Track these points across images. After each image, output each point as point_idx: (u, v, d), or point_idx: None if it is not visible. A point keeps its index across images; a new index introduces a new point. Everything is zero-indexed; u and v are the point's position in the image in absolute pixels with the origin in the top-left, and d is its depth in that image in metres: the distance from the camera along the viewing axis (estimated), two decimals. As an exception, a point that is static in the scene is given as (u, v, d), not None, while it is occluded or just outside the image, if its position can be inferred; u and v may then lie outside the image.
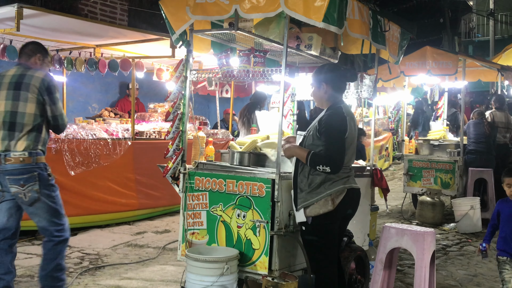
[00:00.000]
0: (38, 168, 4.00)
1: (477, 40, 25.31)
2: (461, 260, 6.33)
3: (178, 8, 4.56)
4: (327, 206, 3.70)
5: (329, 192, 3.70)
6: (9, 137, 3.94)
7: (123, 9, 11.71)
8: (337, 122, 3.72)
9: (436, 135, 9.38)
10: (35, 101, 3.97)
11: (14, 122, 3.93)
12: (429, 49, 9.07)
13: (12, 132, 3.94)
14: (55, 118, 4.10)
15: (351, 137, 3.77)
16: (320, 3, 3.90)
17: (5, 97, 3.97)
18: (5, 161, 3.91)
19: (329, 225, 3.77)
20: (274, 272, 4.00)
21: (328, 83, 3.86)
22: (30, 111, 3.97)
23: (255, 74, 4.49)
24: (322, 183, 3.71)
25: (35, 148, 3.99)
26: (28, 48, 4.21)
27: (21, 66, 4.10)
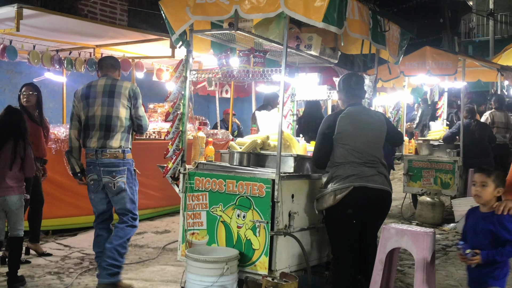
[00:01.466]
0: (128, 163, 4.75)
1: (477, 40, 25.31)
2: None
3: (178, 8, 4.56)
4: (329, 201, 4.03)
5: (333, 188, 4.03)
6: (104, 137, 4.64)
7: (123, 9, 11.71)
8: (323, 124, 4.22)
9: (436, 135, 9.37)
10: (125, 106, 4.71)
11: (110, 124, 4.64)
12: (428, 49, 9.06)
13: (108, 133, 4.64)
14: (139, 120, 4.81)
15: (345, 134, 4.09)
16: (320, 3, 3.90)
17: (101, 104, 4.67)
18: (101, 156, 4.62)
19: (336, 219, 4.09)
20: (274, 272, 4.00)
21: (340, 91, 4.37)
22: (122, 115, 4.69)
23: (255, 74, 4.49)
24: (330, 180, 4.07)
25: (126, 146, 4.73)
26: (111, 62, 5.00)
27: (108, 77, 4.82)
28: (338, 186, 3.99)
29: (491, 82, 11.17)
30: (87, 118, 4.72)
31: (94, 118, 4.69)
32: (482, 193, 3.43)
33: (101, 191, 4.75)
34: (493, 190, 3.40)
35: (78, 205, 6.83)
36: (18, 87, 9.94)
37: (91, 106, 4.70)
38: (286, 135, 4.75)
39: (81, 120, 4.76)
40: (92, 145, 4.67)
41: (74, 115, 4.78)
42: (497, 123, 8.94)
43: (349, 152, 4.07)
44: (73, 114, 4.79)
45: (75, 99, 4.81)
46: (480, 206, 3.51)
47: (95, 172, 4.69)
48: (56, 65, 7.64)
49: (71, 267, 5.55)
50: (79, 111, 4.76)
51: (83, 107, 4.74)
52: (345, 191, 3.98)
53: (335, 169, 4.07)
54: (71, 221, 6.98)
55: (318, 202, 4.15)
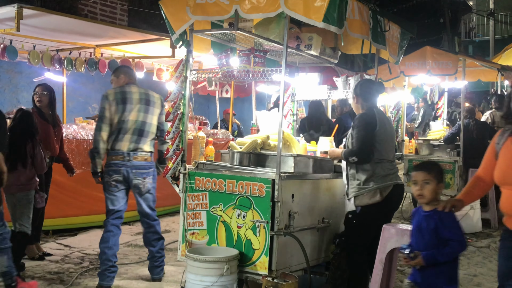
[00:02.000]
0: (153, 165, 5.08)
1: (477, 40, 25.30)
2: (461, 260, 6.32)
3: (178, 8, 4.56)
4: (376, 197, 4.23)
5: (378, 186, 4.24)
6: (136, 141, 4.91)
7: (123, 9, 11.71)
8: (364, 120, 4.36)
9: (436, 135, 9.37)
10: (156, 114, 5.08)
11: (143, 130, 4.95)
12: (429, 49, 9.06)
13: (140, 137, 4.93)
14: (163, 125, 5.15)
15: (383, 132, 4.32)
16: (320, 3, 3.90)
17: (138, 110, 4.94)
18: (133, 158, 4.87)
19: (375, 215, 4.27)
20: (274, 272, 4.00)
21: (358, 95, 4.49)
22: (154, 122, 5.05)
23: (255, 74, 4.49)
24: (371, 177, 4.26)
25: (152, 150, 5.05)
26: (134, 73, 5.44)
27: (139, 86, 5.15)
28: (383, 184, 4.25)
29: (491, 82, 11.17)
30: (120, 122, 4.87)
31: (129, 123, 4.89)
32: (425, 191, 3.22)
33: (122, 191, 4.93)
34: (435, 187, 3.23)
35: (78, 205, 6.83)
36: (18, 87, 10.01)
37: (127, 111, 4.89)
38: (286, 135, 4.75)
39: (112, 124, 4.88)
40: (122, 148, 4.86)
41: (107, 118, 4.86)
42: (497, 123, 8.94)
43: (384, 150, 4.33)
44: (106, 117, 4.86)
45: (107, 102, 4.87)
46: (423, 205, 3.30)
47: (122, 173, 4.86)
48: (56, 65, 7.64)
49: (71, 267, 5.54)
50: (113, 115, 4.87)
51: (117, 111, 4.88)
52: (389, 189, 4.27)
53: (375, 166, 4.27)
54: (71, 221, 6.98)
55: (359, 199, 4.30)
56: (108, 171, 4.89)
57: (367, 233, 4.34)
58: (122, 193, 4.94)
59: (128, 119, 4.89)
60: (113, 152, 4.88)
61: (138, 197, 5.00)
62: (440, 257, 3.13)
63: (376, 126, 4.30)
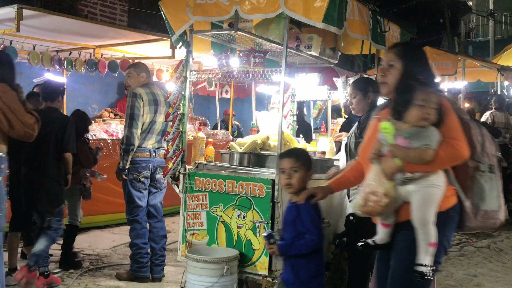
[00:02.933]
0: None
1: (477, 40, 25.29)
2: (461, 260, 6.33)
3: (178, 8, 4.57)
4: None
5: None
6: (159, 140, 5.17)
7: (123, 10, 11.70)
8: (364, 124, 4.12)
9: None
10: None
11: (165, 130, 5.14)
12: (428, 50, 9.02)
13: (161, 137, 5.16)
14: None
15: None
16: (320, 4, 3.90)
17: (163, 112, 5.14)
18: (157, 155, 5.14)
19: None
20: (274, 273, 4.00)
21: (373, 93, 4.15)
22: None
23: (255, 75, 4.49)
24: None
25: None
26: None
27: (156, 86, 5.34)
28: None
29: (491, 82, 11.17)
30: (152, 123, 5.10)
31: (157, 124, 5.14)
32: (293, 180, 3.06)
33: (147, 188, 5.16)
34: (303, 175, 3.08)
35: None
36: (18, 87, 10.00)
37: (157, 113, 5.13)
38: (286, 135, 4.75)
39: (144, 123, 5.07)
40: (149, 146, 5.10)
41: (140, 116, 5.02)
42: (497, 123, 8.94)
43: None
44: (138, 116, 5.01)
45: (141, 101, 5.02)
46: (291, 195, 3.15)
47: (150, 169, 5.11)
48: (56, 66, 7.64)
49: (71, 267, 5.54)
50: (145, 114, 5.05)
51: (150, 112, 5.08)
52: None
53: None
54: (71, 221, 6.97)
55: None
56: (136, 168, 5.04)
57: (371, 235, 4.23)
58: (147, 190, 5.16)
59: (157, 120, 5.14)
60: (140, 150, 5.05)
61: (155, 191, 5.21)
62: (291, 250, 3.04)
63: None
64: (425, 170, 2.61)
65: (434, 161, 2.58)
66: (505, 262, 6.36)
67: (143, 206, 5.14)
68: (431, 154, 2.57)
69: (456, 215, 2.74)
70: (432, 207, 2.61)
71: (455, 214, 2.73)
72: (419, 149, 2.57)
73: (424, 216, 2.60)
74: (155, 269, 5.14)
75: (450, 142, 2.60)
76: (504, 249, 6.95)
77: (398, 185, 2.64)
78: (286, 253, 3.08)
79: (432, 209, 2.61)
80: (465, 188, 2.72)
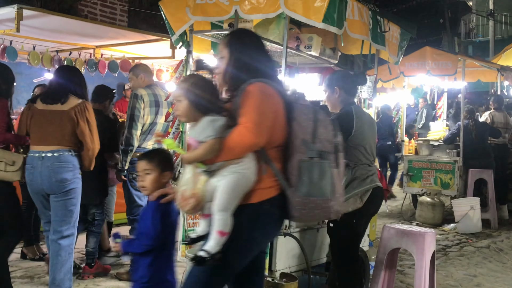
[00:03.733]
0: None
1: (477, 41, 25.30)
2: (461, 261, 6.33)
3: (178, 9, 4.57)
4: (356, 203, 3.89)
5: (357, 191, 3.89)
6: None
7: (123, 10, 11.71)
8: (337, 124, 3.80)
9: (436, 136, 9.37)
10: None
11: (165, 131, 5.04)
12: (428, 50, 9.06)
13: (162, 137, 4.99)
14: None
15: (360, 135, 3.92)
16: (319, 4, 3.91)
17: (163, 113, 5.11)
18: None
19: (357, 221, 3.96)
20: (274, 273, 4.00)
21: (341, 87, 4.03)
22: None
23: (255, 75, 4.48)
24: (350, 182, 3.90)
25: None
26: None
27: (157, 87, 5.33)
28: (362, 188, 3.91)
29: (491, 82, 11.16)
30: (152, 124, 5.11)
31: (158, 125, 5.15)
32: (146, 182, 3.00)
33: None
34: (157, 177, 3.00)
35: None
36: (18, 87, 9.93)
37: (159, 114, 5.13)
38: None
39: (144, 124, 5.07)
40: (148, 146, 5.10)
41: (140, 118, 5.02)
42: (496, 123, 8.94)
43: (362, 153, 3.97)
44: (139, 117, 5.00)
45: (142, 103, 5.02)
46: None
47: None
48: (56, 66, 7.63)
49: (71, 267, 5.53)
50: (146, 115, 5.05)
51: (151, 113, 5.08)
52: (368, 193, 3.92)
53: (352, 171, 3.93)
54: (71, 221, 6.96)
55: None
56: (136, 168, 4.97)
57: (355, 241, 4.04)
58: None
59: (159, 122, 5.15)
60: (139, 150, 5.03)
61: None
62: (131, 248, 3.02)
63: (351, 131, 3.89)
64: (222, 160, 2.52)
65: (223, 150, 2.50)
66: (505, 262, 6.36)
67: (144, 206, 5.14)
68: (216, 143, 2.50)
69: (275, 208, 2.61)
70: (230, 195, 2.52)
71: (272, 207, 2.61)
72: (205, 142, 2.51)
73: (220, 203, 2.52)
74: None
75: (238, 128, 2.51)
76: (504, 249, 6.95)
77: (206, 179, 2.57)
78: (127, 250, 3.06)
79: (229, 197, 2.53)
80: (292, 176, 2.58)
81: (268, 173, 2.60)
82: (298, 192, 2.55)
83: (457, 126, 8.63)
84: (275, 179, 2.61)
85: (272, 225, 2.69)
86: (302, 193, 2.55)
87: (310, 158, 2.56)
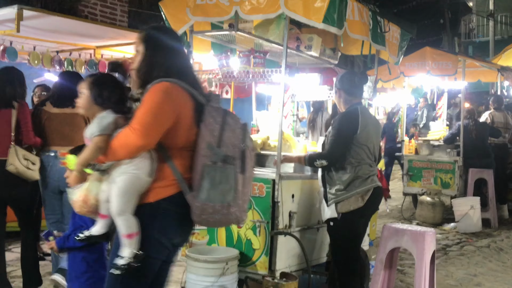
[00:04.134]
0: None
1: (477, 41, 25.31)
2: (461, 260, 6.33)
3: (178, 9, 4.57)
4: (358, 202, 3.91)
5: (359, 190, 3.92)
6: None
7: (123, 10, 11.71)
8: (345, 122, 4.00)
9: (436, 135, 9.38)
10: None
11: None
12: (428, 50, 9.06)
13: None
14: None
15: (365, 135, 3.98)
16: (320, 4, 3.91)
17: None
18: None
19: (357, 220, 3.99)
20: (274, 272, 4.01)
21: (341, 89, 4.12)
22: None
23: (255, 75, 4.51)
24: (352, 181, 3.93)
25: None
26: None
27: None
28: (363, 188, 3.93)
29: (491, 82, 11.17)
30: None
31: None
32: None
33: None
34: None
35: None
36: (18, 88, 10.02)
37: None
38: (286, 136, 4.76)
39: None
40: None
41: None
42: (496, 123, 8.95)
43: (365, 152, 3.99)
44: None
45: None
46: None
47: None
48: (57, 66, 7.63)
49: (71, 267, 5.54)
50: None
51: None
52: (369, 192, 3.95)
53: (355, 170, 3.94)
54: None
55: (340, 205, 3.93)
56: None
57: (356, 241, 4.06)
58: None
59: None
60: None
61: None
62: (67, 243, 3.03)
63: (357, 129, 3.93)
64: (109, 160, 2.47)
65: (109, 149, 2.46)
66: (505, 262, 6.36)
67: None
68: (100, 141, 2.46)
69: (175, 206, 2.51)
70: (123, 198, 2.46)
71: (171, 206, 2.51)
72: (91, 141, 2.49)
73: (115, 207, 2.46)
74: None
75: (125, 130, 2.45)
76: (504, 248, 6.96)
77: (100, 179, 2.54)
78: (63, 246, 3.08)
79: (123, 200, 2.46)
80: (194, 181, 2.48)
81: (167, 172, 2.51)
82: (198, 198, 2.45)
83: (457, 126, 8.63)
84: (173, 178, 2.51)
85: (173, 225, 2.56)
86: (201, 198, 2.45)
87: (213, 163, 2.46)
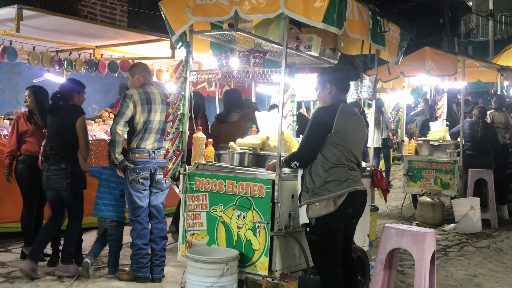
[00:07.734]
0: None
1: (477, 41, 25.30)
2: (461, 261, 6.33)
3: (177, 9, 4.57)
4: (329, 207, 3.76)
5: (331, 195, 3.76)
6: (159, 140, 5.17)
7: (123, 10, 11.71)
8: (318, 120, 3.87)
9: (436, 136, 9.38)
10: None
11: (164, 129, 5.15)
12: (428, 50, 9.06)
13: (161, 136, 5.16)
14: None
15: (342, 135, 3.81)
16: (319, 4, 3.90)
17: (160, 110, 5.16)
18: (157, 156, 5.13)
19: (332, 226, 3.81)
20: (274, 273, 4.01)
21: (332, 83, 3.96)
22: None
23: (255, 75, 4.49)
24: (325, 184, 3.77)
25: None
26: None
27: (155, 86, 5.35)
28: (338, 192, 3.76)
29: (491, 82, 11.17)
30: (146, 122, 5.10)
31: (154, 123, 5.14)
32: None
33: (147, 189, 5.16)
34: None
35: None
36: (18, 88, 9.99)
37: (152, 111, 5.13)
38: (286, 136, 4.75)
39: (134, 122, 5.09)
40: (148, 146, 5.12)
41: (125, 115, 5.04)
42: (496, 123, 8.95)
43: (343, 154, 3.81)
44: (125, 114, 5.04)
45: (130, 102, 5.05)
46: None
47: (149, 170, 5.12)
48: (56, 66, 7.64)
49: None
50: (135, 114, 5.07)
51: (142, 111, 5.09)
52: (343, 197, 3.77)
53: (329, 171, 3.78)
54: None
55: (311, 209, 3.78)
56: (135, 169, 5.06)
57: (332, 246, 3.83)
58: (148, 191, 5.16)
59: (154, 119, 5.13)
60: (138, 151, 5.09)
61: (157, 191, 5.22)
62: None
63: (331, 128, 3.77)
64: None
65: None
66: (505, 262, 6.36)
67: (144, 207, 5.15)
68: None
69: None
70: None
71: None
72: None
73: None
74: (155, 270, 5.16)
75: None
76: (504, 249, 6.96)
77: None
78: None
79: None
80: None
81: None
82: None
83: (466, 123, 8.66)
84: None
85: None
86: None
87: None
